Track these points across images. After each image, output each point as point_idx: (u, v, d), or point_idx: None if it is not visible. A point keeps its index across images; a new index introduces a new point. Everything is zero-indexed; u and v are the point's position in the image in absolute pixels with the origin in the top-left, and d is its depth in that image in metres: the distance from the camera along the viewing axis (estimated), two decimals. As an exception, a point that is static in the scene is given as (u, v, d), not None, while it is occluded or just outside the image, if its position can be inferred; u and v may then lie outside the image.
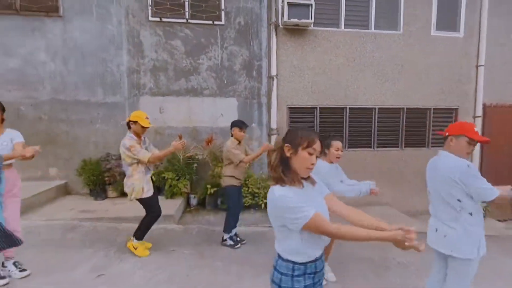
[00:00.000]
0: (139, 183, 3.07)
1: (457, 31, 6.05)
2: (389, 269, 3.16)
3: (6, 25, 4.68)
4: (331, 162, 2.78)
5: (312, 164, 1.32)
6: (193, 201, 5.05)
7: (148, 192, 3.12)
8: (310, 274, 1.32)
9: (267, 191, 4.16)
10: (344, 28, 5.68)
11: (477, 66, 6.12)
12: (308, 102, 5.64)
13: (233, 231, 3.61)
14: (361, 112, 5.81)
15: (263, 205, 4.69)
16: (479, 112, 6.18)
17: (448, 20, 6.03)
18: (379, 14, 5.76)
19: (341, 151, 2.77)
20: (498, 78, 6.18)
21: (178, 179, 4.79)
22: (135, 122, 3.04)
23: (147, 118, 3.15)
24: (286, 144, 1.35)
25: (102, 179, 4.60)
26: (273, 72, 5.43)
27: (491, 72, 6.10)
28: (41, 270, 2.69)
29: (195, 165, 5.10)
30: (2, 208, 2.29)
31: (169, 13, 5.05)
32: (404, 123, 5.99)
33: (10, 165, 2.57)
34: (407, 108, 5.98)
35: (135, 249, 3.12)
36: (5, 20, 4.67)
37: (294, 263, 1.31)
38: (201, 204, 5.08)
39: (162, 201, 3.68)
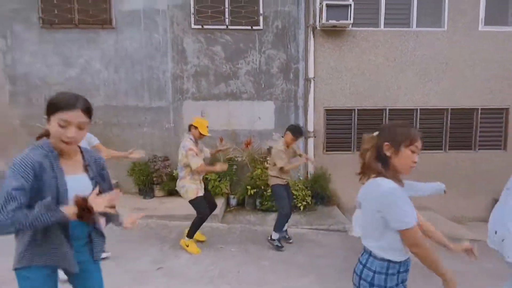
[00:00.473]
0: (190, 185, 3.28)
1: (508, 25, 5.67)
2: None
3: (66, 38, 5.16)
4: None
5: (415, 162, 1.28)
6: (233, 201, 5.23)
7: (199, 192, 3.32)
8: (402, 272, 1.31)
9: (305, 193, 4.23)
10: (384, 27, 5.55)
11: (531, 62, 5.68)
12: (346, 104, 5.59)
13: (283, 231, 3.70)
14: (401, 113, 5.64)
15: (302, 207, 4.72)
16: (534, 111, 5.74)
17: (497, 14, 5.66)
18: (421, 11, 5.56)
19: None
20: (557, 75, 5.70)
21: (219, 180, 4.99)
22: (196, 127, 3.25)
23: (207, 127, 3.37)
24: (385, 143, 1.29)
25: (150, 179, 4.92)
26: (310, 74, 5.45)
27: (548, 68, 5.64)
28: (111, 259, 2.98)
29: (235, 167, 5.27)
30: None
31: (210, 21, 5.26)
32: (449, 124, 5.73)
33: None
34: (451, 109, 5.71)
35: (187, 246, 3.33)
36: (65, 33, 5.15)
37: (389, 261, 1.27)
38: (240, 204, 5.24)
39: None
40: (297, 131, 3.56)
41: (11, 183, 1.09)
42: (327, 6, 5.07)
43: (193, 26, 5.25)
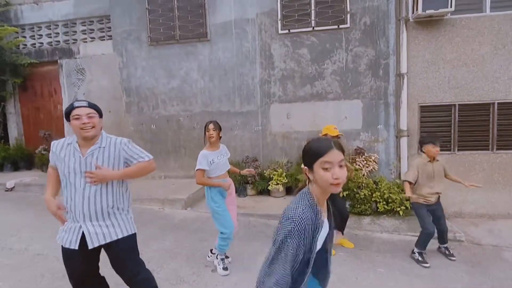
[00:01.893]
0: None
1: None
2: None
3: (169, 52, 5.83)
4: None
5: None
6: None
7: None
8: None
9: (402, 196, 3.94)
10: (490, 11, 4.93)
11: None
12: (444, 100, 5.15)
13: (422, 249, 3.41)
14: (514, 107, 4.96)
15: (401, 212, 4.52)
16: None
17: None
18: (540, -13, 4.78)
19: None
20: None
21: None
22: (325, 135, 3.42)
23: (335, 128, 3.56)
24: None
25: (244, 178, 5.28)
26: (403, 69, 5.16)
27: None
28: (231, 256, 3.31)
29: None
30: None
31: (296, 24, 5.37)
32: None
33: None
34: None
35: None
36: (168, 48, 5.83)
37: None
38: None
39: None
40: (433, 138, 3.38)
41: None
42: (424, -5, 4.72)
43: (280, 31, 5.43)
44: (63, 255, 1.89)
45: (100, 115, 1.95)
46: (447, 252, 3.53)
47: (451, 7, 4.70)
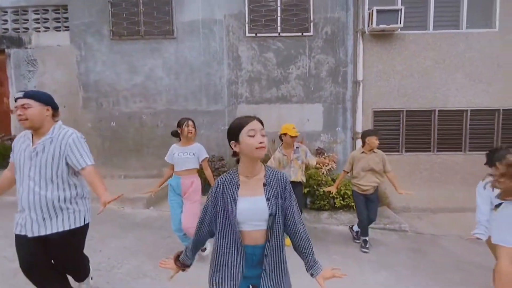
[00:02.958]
0: None
1: None
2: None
3: (133, 48, 5.66)
4: None
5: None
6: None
7: None
8: None
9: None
10: (433, 29, 5.61)
11: None
12: (394, 106, 5.69)
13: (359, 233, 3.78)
14: (451, 114, 5.67)
15: (355, 207, 4.86)
16: None
17: (553, 12, 5.55)
18: (471, 13, 5.57)
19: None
20: None
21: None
22: (285, 134, 3.51)
23: (294, 128, 3.51)
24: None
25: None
26: (359, 77, 5.61)
27: None
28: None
29: (286, 166, 5.52)
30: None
31: (263, 29, 5.57)
32: (500, 125, 5.67)
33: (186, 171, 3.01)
34: (503, 110, 5.65)
35: None
36: (132, 44, 5.65)
37: None
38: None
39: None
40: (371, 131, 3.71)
41: None
42: (377, 11, 5.22)
43: (247, 34, 5.58)
44: (15, 242, 1.86)
45: (46, 104, 1.86)
46: (362, 244, 3.62)
47: (400, 23, 5.26)
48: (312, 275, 1.41)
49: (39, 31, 5.94)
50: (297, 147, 3.65)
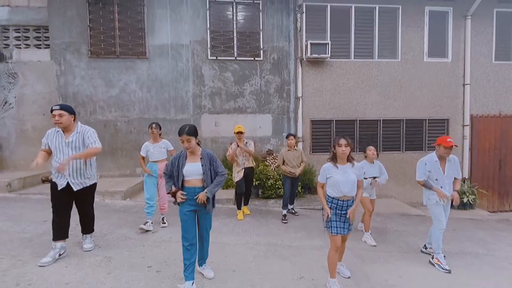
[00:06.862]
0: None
1: (445, 57, 7.58)
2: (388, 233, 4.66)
3: (109, 65, 6.56)
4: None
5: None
6: (241, 192, 6.66)
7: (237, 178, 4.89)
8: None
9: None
10: (354, 58, 7.32)
11: (463, 85, 7.59)
12: (327, 116, 7.25)
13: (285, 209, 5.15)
14: (368, 123, 7.36)
15: (298, 195, 6.23)
16: (467, 121, 7.61)
17: (438, 48, 7.58)
18: (381, 46, 7.38)
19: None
20: (482, 94, 7.63)
21: (231, 175, 6.42)
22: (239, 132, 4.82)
23: (239, 127, 4.88)
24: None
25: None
26: (299, 93, 7.09)
27: (475, 89, 7.57)
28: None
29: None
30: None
31: (222, 53, 6.84)
32: (404, 131, 7.49)
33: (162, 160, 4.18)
34: (406, 119, 7.48)
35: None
36: (108, 62, 6.56)
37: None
38: (246, 195, 6.68)
39: (221, 190, 5.37)
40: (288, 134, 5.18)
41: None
42: (311, 44, 6.77)
43: (209, 57, 6.80)
44: (53, 193, 2.93)
45: (71, 113, 2.95)
46: (293, 211, 5.39)
47: (328, 54, 6.86)
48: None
49: (20, 48, 6.59)
50: (246, 142, 4.93)
